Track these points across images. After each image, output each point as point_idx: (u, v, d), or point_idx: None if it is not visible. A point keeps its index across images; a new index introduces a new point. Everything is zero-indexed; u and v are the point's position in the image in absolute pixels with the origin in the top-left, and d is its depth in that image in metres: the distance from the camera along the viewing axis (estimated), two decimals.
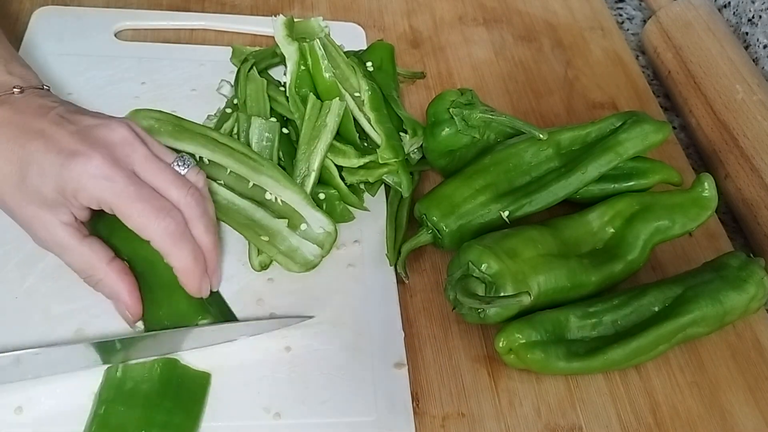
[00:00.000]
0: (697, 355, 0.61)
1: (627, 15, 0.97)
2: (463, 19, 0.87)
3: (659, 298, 0.59)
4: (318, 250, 0.60)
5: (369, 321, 0.58)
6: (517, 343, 0.55)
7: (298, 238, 0.60)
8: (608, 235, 0.61)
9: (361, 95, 0.68)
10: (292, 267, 0.59)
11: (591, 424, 0.56)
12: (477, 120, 0.64)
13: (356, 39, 0.80)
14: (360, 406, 0.53)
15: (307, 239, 0.60)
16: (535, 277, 0.56)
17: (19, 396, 0.51)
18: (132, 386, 0.51)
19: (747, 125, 0.73)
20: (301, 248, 0.59)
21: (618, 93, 0.82)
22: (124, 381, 0.51)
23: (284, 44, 0.70)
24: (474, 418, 0.55)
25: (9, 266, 0.57)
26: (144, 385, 0.51)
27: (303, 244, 0.60)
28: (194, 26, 0.79)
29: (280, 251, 0.59)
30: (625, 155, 0.64)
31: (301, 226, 0.60)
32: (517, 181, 0.63)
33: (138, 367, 0.52)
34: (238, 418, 0.52)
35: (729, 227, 0.73)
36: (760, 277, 0.60)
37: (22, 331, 0.54)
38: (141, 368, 0.52)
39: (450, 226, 0.60)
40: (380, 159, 0.64)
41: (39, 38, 0.73)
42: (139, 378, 0.51)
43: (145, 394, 0.51)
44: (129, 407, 0.50)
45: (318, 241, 0.60)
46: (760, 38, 0.83)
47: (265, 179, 0.61)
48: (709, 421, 0.57)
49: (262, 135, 0.64)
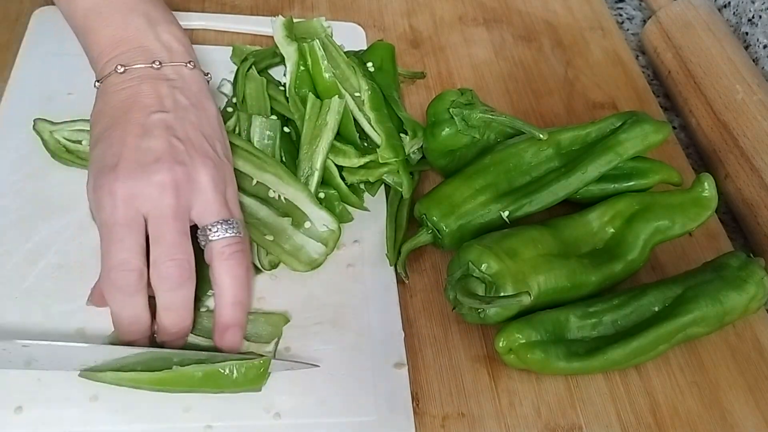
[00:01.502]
0: (697, 355, 0.61)
1: (627, 15, 0.97)
2: (463, 19, 0.87)
3: (659, 298, 0.59)
4: (322, 248, 0.60)
5: (369, 321, 0.58)
6: (517, 343, 0.55)
7: (303, 236, 0.60)
8: (608, 235, 0.61)
9: (361, 95, 0.68)
10: (297, 266, 0.59)
11: (591, 424, 0.56)
12: (477, 120, 0.64)
13: (356, 39, 0.80)
14: (360, 406, 0.53)
15: (311, 237, 0.60)
16: (535, 277, 0.56)
17: (19, 396, 0.51)
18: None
19: (747, 125, 0.73)
20: (305, 247, 0.59)
21: (618, 93, 0.82)
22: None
23: (284, 45, 0.70)
24: (474, 418, 0.55)
25: (9, 266, 0.57)
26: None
27: (307, 242, 0.60)
28: (194, 26, 0.79)
29: (285, 250, 0.59)
30: (625, 155, 0.64)
31: (305, 224, 0.60)
32: (517, 181, 0.63)
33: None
34: (238, 418, 0.52)
35: (729, 227, 0.73)
36: (760, 277, 0.60)
37: (22, 331, 0.54)
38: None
39: (450, 226, 0.60)
40: (380, 159, 0.64)
41: (39, 38, 0.73)
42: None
43: None
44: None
45: (322, 239, 0.60)
46: (760, 38, 0.83)
47: (268, 177, 0.61)
48: (709, 421, 0.57)
49: (263, 133, 0.64)
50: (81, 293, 0.55)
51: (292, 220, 0.60)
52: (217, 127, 0.56)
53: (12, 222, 0.59)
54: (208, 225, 0.52)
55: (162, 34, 0.56)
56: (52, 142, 0.63)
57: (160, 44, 0.56)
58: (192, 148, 0.53)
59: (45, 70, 0.70)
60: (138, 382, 0.51)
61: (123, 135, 0.52)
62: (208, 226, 0.52)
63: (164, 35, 0.56)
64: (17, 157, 0.63)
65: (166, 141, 0.52)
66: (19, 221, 0.59)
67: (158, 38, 0.56)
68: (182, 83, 0.56)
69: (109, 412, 0.51)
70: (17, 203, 0.60)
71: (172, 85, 0.55)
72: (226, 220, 0.52)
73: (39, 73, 0.69)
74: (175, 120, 0.53)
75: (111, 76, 0.54)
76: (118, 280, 0.49)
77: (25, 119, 0.65)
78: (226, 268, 0.52)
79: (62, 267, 0.57)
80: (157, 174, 0.50)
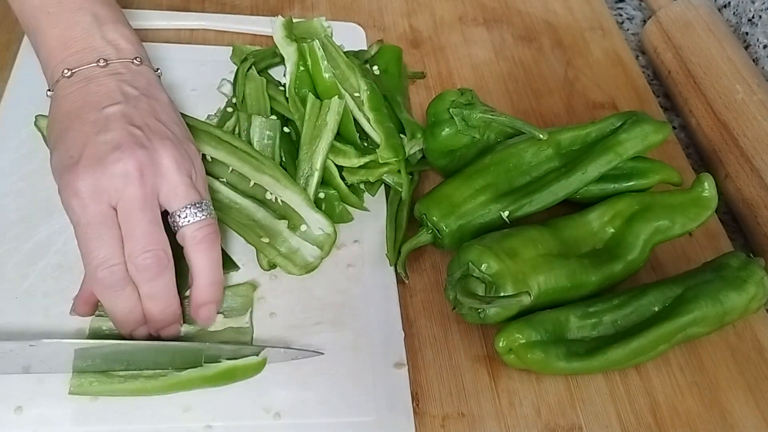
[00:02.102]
0: (697, 355, 0.61)
1: (627, 15, 0.97)
2: (463, 19, 0.87)
3: (659, 298, 0.59)
4: (317, 252, 0.60)
5: (369, 321, 0.58)
6: (517, 343, 0.55)
7: (298, 239, 0.60)
8: (608, 235, 0.61)
9: (360, 95, 0.68)
10: (292, 269, 0.59)
11: (591, 424, 0.56)
12: (477, 120, 0.64)
13: (356, 39, 0.80)
14: (360, 406, 0.53)
15: (306, 240, 0.60)
16: (535, 277, 0.56)
17: (19, 396, 0.51)
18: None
19: (747, 125, 0.73)
20: (300, 250, 0.59)
21: (618, 93, 0.82)
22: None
23: (283, 45, 0.70)
24: (474, 418, 0.55)
25: (9, 266, 0.57)
26: None
27: (303, 245, 0.60)
28: (194, 26, 0.79)
29: (280, 253, 0.59)
30: (625, 155, 0.64)
31: (301, 227, 0.60)
32: (517, 181, 0.63)
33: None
34: (238, 418, 0.52)
35: (729, 227, 0.73)
36: (760, 277, 0.60)
37: (22, 331, 0.54)
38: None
39: (450, 226, 0.60)
40: (380, 159, 0.64)
41: None
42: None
43: None
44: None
45: (318, 243, 0.60)
46: (760, 38, 0.83)
47: (266, 179, 0.61)
48: (709, 421, 0.57)
49: (263, 133, 0.64)
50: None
51: (288, 223, 0.60)
52: (172, 113, 0.56)
53: (12, 222, 0.59)
54: (177, 210, 0.51)
55: (108, 33, 0.56)
56: None
57: (105, 42, 0.55)
58: (150, 132, 0.52)
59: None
60: (134, 391, 0.51)
61: (78, 135, 0.51)
62: (177, 212, 0.51)
63: (111, 34, 0.56)
64: (17, 157, 0.63)
65: (124, 130, 0.51)
66: (19, 221, 0.59)
67: (104, 37, 0.55)
68: (130, 77, 0.55)
69: (109, 412, 0.51)
70: (17, 203, 0.60)
71: (119, 78, 0.54)
72: (195, 203, 0.52)
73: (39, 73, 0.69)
74: (128, 108, 0.53)
75: (60, 81, 0.54)
76: (105, 278, 0.49)
77: (25, 119, 0.65)
78: (200, 250, 0.52)
79: (62, 267, 0.57)
80: (118, 163, 0.49)
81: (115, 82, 0.54)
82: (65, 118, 0.53)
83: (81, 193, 0.49)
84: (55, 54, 0.55)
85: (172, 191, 0.51)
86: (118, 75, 0.55)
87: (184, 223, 0.51)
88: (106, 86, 0.54)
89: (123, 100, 0.53)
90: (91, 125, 0.51)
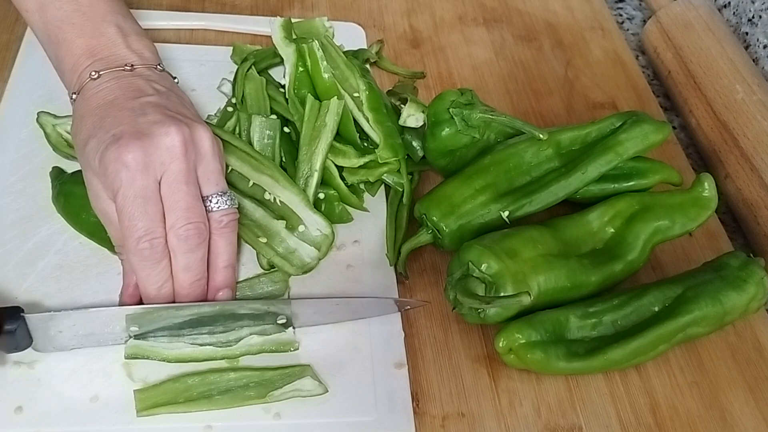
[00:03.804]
0: (697, 355, 0.61)
1: (627, 15, 0.97)
2: (463, 19, 0.87)
3: (659, 298, 0.59)
4: (315, 253, 0.60)
5: (369, 321, 0.58)
6: (517, 343, 0.55)
7: (296, 239, 0.60)
8: (608, 235, 0.61)
9: (359, 95, 0.68)
10: (289, 269, 0.59)
11: (591, 424, 0.56)
12: (477, 120, 0.64)
13: (356, 39, 0.80)
14: (360, 406, 0.53)
15: (304, 241, 0.60)
16: (535, 277, 0.56)
17: (19, 396, 0.51)
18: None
19: (747, 125, 0.73)
20: (298, 250, 0.59)
21: (618, 93, 0.82)
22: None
23: (282, 46, 0.70)
24: (474, 418, 0.55)
25: (9, 266, 0.57)
26: None
27: (300, 246, 0.59)
28: (194, 26, 0.79)
29: (278, 253, 0.59)
30: (625, 155, 0.64)
31: (298, 228, 0.60)
32: (517, 181, 0.63)
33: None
34: (239, 418, 0.52)
35: (729, 227, 0.73)
36: (760, 277, 0.60)
37: None
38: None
39: (450, 226, 0.60)
40: (379, 158, 0.64)
41: None
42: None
43: None
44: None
45: (315, 243, 0.60)
46: (760, 38, 0.83)
47: (265, 179, 0.61)
48: (709, 421, 0.57)
49: (263, 133, 0.64)
50: (81, 293, 0.55)
51: (286, 223, 0.60)
52: (196, 113, 0.58)
53: (12, 222, 0.59)
54: (209, 195, 0.54)
55: (133, 43, 0.58)
56: (54, 136, 0.64)
57: (131, 51, 0.57)
58: (187, 118, 0.54)
59: (45, 70, 0.69)
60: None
61: (118, 118, 0.52)
62: (209, 197, 0.54)
63: (135, 44, 0.58)
64: (17, 157, 0.63)
65: (163, 114, 0.53)
66: (19, 221, 0.59)
67: (129, 46, 0.58)
68: (156, 77, 0.57)
69: (109, 411, 0.51)
70: (17, 203, 0.61)
71: (146, 78, 0.57)
72: (224, 192, 0.55)
73: (39, 73, 0.69)
74: (161, 100, 0.55)
75: (87, 83, 0.55)
76: (145, 249, 0.51)
77: (25, 119, 0.65)
78: (223, 234, 0.55)
79: (62, 267, 0.57)
80: (166, 137, 0.51)
81: (143, 81, 0.56)
82: (98, 110, 0.54)
83: (130, 164, 0.50)
84: (82, 61, 0.56)
85: (207, 175, 0.54)
86: (145, 76, 0.57)
87: (215, 208, 0.54)
88: (136, 83, 0.56)
89: (155, 94, 0.55)
90: (129, 111, 0.53)
